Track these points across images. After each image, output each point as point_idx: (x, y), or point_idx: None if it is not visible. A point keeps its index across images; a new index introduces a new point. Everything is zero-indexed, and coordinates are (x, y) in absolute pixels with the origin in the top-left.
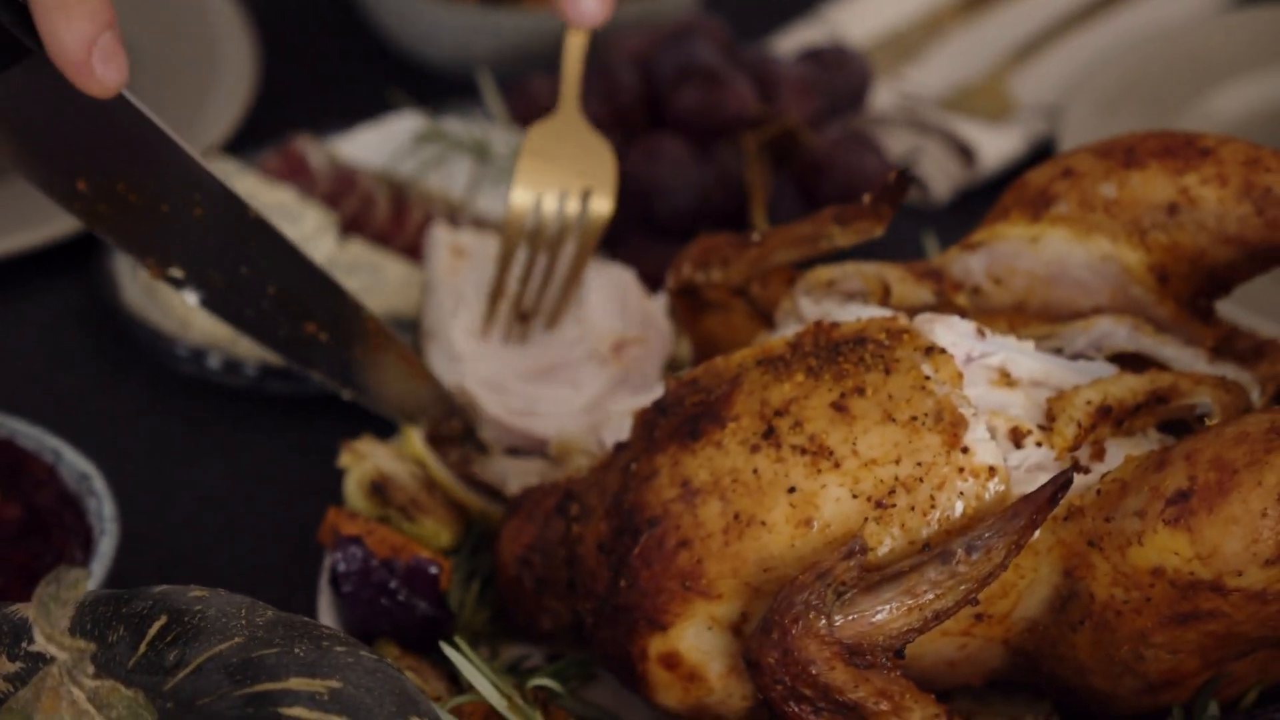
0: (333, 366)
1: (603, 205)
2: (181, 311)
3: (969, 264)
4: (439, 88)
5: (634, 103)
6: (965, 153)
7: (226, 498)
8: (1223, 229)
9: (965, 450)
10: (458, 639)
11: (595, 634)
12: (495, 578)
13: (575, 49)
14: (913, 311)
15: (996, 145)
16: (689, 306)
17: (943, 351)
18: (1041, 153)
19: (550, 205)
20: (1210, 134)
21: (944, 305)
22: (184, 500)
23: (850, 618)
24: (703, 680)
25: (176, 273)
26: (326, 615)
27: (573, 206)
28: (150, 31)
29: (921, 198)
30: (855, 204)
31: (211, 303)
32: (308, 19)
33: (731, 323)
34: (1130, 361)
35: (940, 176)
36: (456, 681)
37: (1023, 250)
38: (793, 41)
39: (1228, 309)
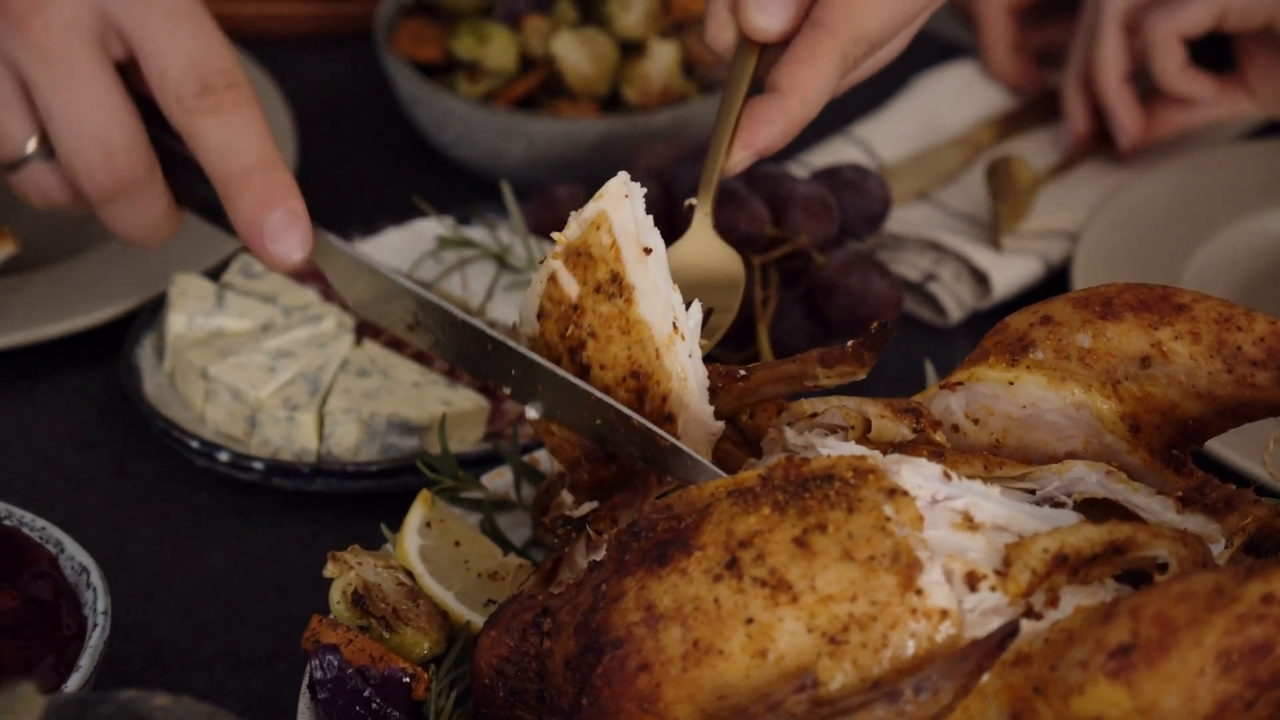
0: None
1: (724, 319)
2: (200, 406)
3: (949, 403)
4: (473, 189)
5: (654, 216)
6: (979, 276)
7: (224, 587)
8: (1194, 384)
9: (919, 592)
10: None
11: None
12: (472, 686)
13: (713, 163)
14: (892, 447)
15: (1009, 273)
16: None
17: (905, 494)
18: (1056, 278)
19: None
20: (1186, 290)
21: (923, 442)
22: (183, 587)
23: None
24: None
25: (507, 390)
26: (305, 719)
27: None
28: None
29: (935, 318)
30: (840, 347)
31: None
32: (347, 114)
33: (721, 448)
34: (1102, 507)
35: (953, 301)
36: None
37: (1000, 393)
38: (823, 158)
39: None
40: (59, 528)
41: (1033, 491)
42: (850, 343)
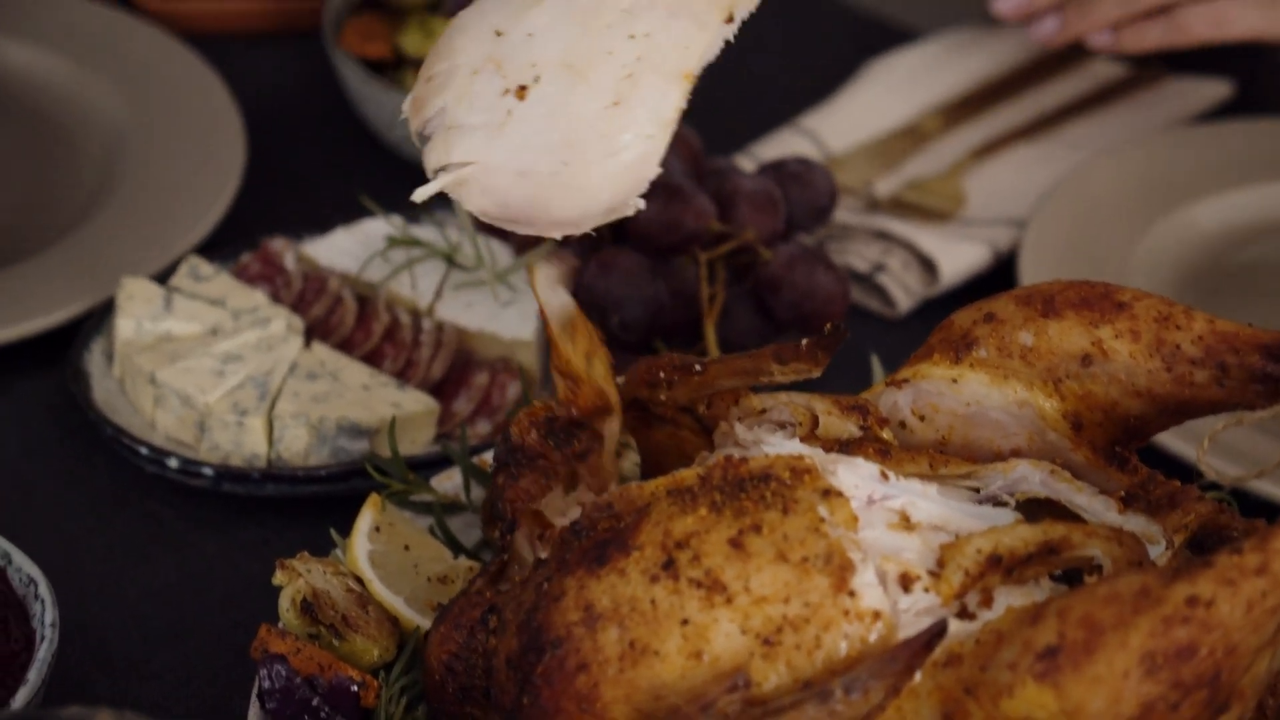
0: None
1: None
2: (149, 412)
3: (896, 399)
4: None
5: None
6: (928, 264)
7: (175, 596)
8: (1134, 382)
9: (852, 594)
10: None
11: None
12: (423, 681)
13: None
14: (839, 444)
15: (958, 260)
16: (638, 419)
17: (840, 495)
18: (1004, 265)
19: None
20: (1127, 288)
21: (870, 439)
22: (133, 596)
23: None
24: None
25: None
26: None
27: None
28: (142, 119)
29: (884, 309)
30: (795, 344)
31: None
32: (297, 112)
33: (679, 436)
34: (1046, 507)
35: (901, 292)
36: None
37: (945, 390)
38: (772, 150)
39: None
40: (5, 538)
41: (977, 490)
42: (805, 341)
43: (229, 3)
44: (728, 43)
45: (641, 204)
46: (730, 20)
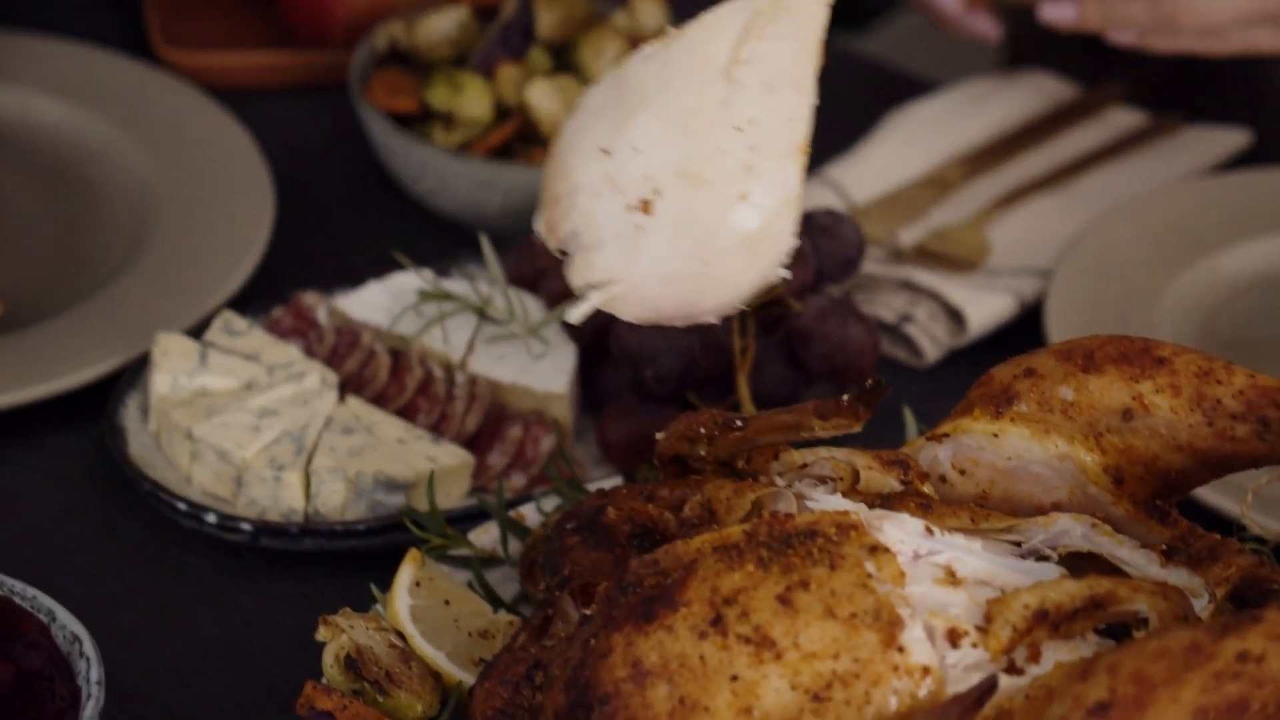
0: None
1: None
2: (186, 467)
3: (936, 454)
4: (452, 239)
5: None
6: (954, 314)
7: (215, 650)
8: (1174, 437)
9: (901, 649)
10: None
11: None
12: None
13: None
14: (880, 498)
15: (984, 310)
16: (676, 473)
17: (887, 550)
18: (1030, 315)
19: None
20: (1167, 343)
21: (911, 494)
22: (173, 651)
23: None
24: None
25: None
26: None
27: None
28: (172, 174)
29: (911, 359)
30: (836, 400)
31: None
32: (324, 166)
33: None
34: (1088, 559)
35: (928, 342)
36: None
37: (985, 445)
38: None
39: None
40: (47, 594)
41: (1019, 544)
42: (846, 397)
43: (254, 57)
44: None
45: (786, 273)
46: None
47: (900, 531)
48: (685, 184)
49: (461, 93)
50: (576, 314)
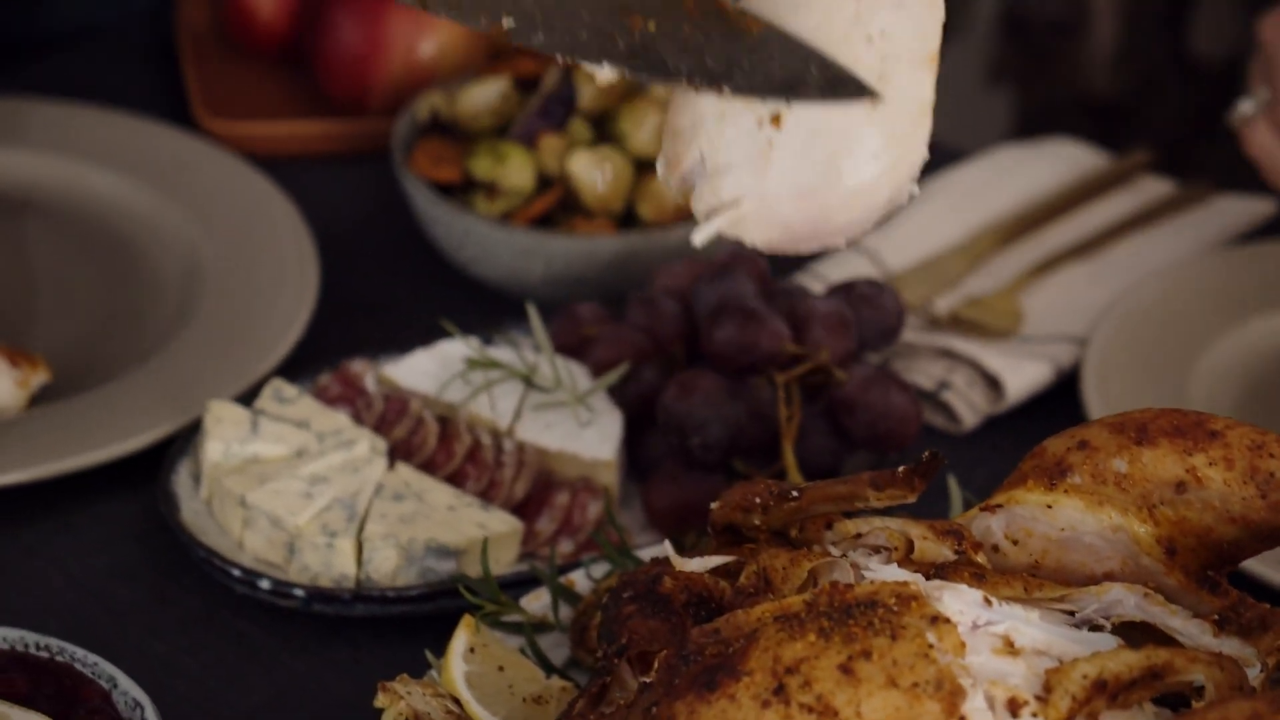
0: (687, 60)
1: None
2: (238, 533)
3: (989, 524)
4: (494, 306)
5: (674, 335)
6: (992, 381)
7: (269, 716)
8: (1228, 509)
9: (963, 719)
10: None
11: None
12: None
13: None
14: (934, 568)
15: (1022, 377)
16: (730, 541)
17: (947, 621)
18: (1067, 382)
19: None
20: (1219, 417)
21: (964, 563)
22: (228, 717)
23: None
24: None
25: (509, 23)
26: None
27: None
28: (217, 242)
29: (948, 425)
30: (891, 471)
31: (548, 44)
32: (366, 233)
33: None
34: (1140, 629)
35: (966, 408)
36: None
37: (1039, 515)
38: (833, 269)
39: None
40: (108, 661)
41: (1072, 613)
42: (901, 468)
43: (294, 125)
44: None
45: (916, 189)
46: None
47: (959, 602)
48: None
49: (504, 163)
50: (701, 236)
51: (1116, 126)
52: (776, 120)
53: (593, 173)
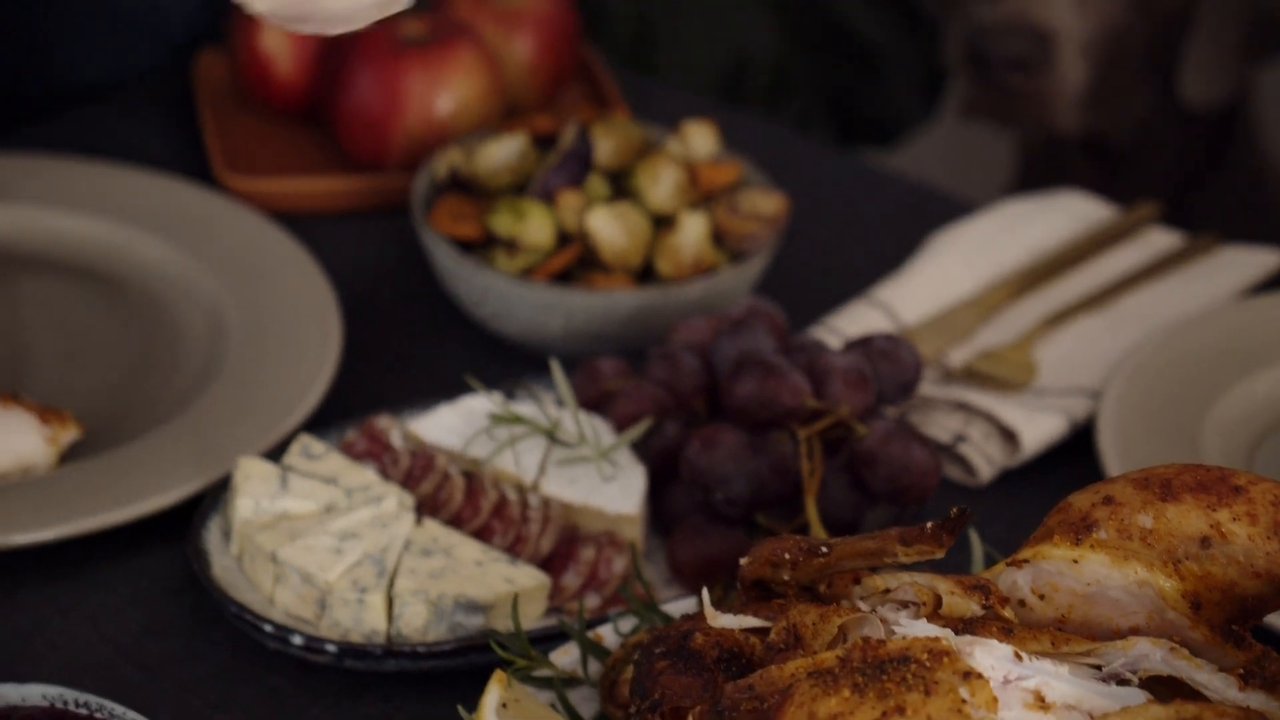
0: None
1: None
2: (269, 589)
3: (1016, 579)
4: (513, 361)
5: (694, 389)
6: (1007, 433)
7: None
8: (1252, 563)
9: None
10: None
11: None
12: None
13: None
14: (962, 623)
15: (1038, 430)
16: (758, 596)
17: (980, 676)
18: (1081, 435)
19: None
20: (1243, 472)
21: (992, 618)
22: None
23: None
24: None
25: None
26: None
27: None
28: (240, 298)
29: (965, 478)
30: (920, 527)
31: None
32: (386, 288)
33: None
34: (1166, 683)
35: (983, 461)
36: None
37: (1065, 570)
38: (846, 322)
39: None
40: (142, 715)
41: (1099, 668)
42: (930, 524)
43: (313, 182)
44: (806, 224)
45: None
46: None
47: (990, 657)
48: None
49: (525, 220)
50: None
51: (1108, 170)
52: None
53: (611, 229)
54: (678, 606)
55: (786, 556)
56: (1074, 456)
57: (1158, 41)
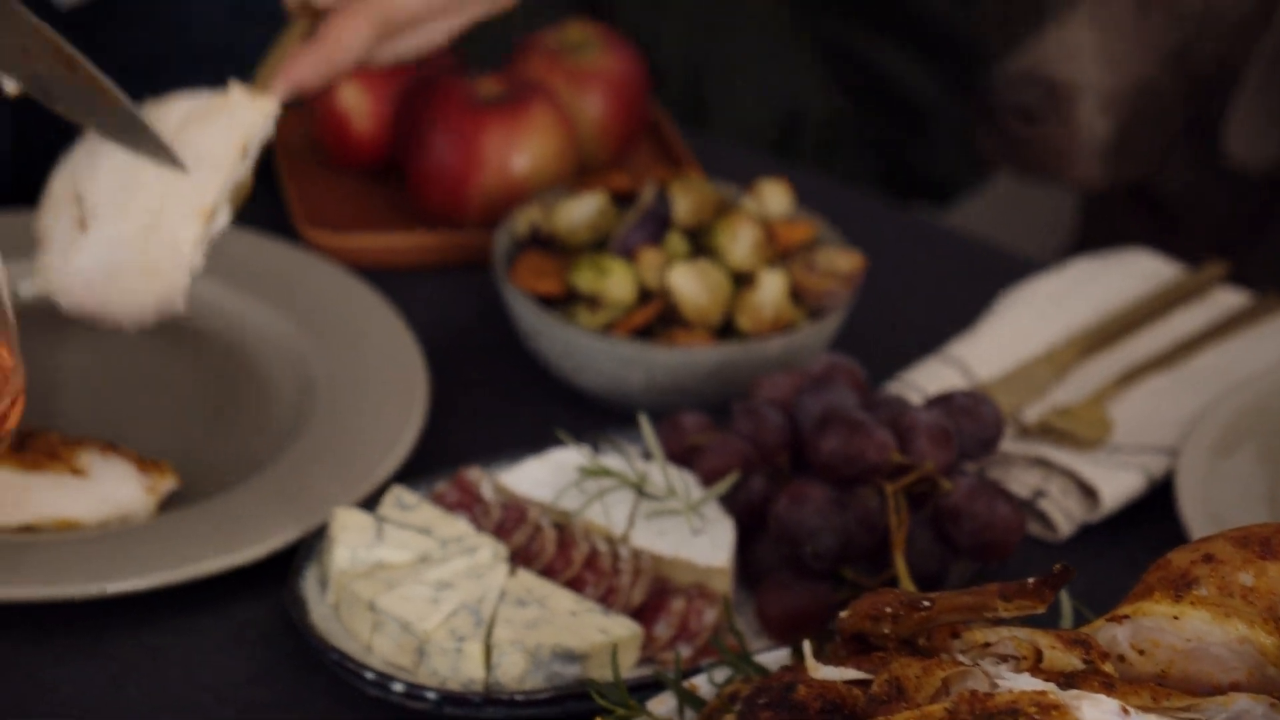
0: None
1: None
2: (366, 637)
3: (1116, 634)
4: (595, 416)
5: (779, 444)
6: (1087, 490)
7: None
8: None
9: None
10: None
11: None
12: None
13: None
14: (1063, 677)
15: (1117, 487)
16: (858, 649)
17: None
18: (1160, 490)
19: None
20: None
21: (1093, 672)
22: None
23: None
24: None
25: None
26: None
27: None
28: (326, 351)
29: (1044, 533)
30: (1021, 583)
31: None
32: (468, 343)
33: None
34: None
35: (1062, 516)
36: None
37: (1165, 626)
38: (922, 378)
39: None
40: None
41: None
42: (1031, 580)
43: (393, 238)
44: (872, 280)
45: (181, 306)
46: (245, 154)
47: (1097, 710)
48: (115, 213)
49: (607, 276)
50: (33, 286)
51: (1162, 226)
52: (82, 225)
53: (693, 286)
54: (770, 658)
55: (888, 610)
56: (1148, 513)
57: (1196, 97)
